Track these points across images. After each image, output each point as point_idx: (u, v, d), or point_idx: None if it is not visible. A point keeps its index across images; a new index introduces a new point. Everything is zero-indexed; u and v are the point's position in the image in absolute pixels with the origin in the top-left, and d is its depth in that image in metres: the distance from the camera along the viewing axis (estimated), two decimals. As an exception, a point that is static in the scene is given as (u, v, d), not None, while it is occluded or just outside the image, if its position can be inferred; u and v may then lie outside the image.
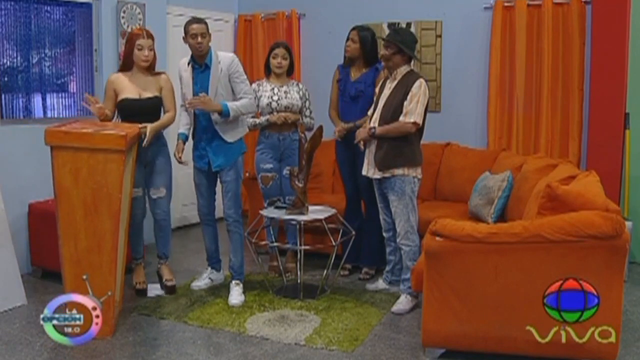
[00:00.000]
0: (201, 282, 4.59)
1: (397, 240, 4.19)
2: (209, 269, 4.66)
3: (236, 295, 4.31)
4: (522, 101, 5.50)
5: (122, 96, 4.26)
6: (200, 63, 4.23)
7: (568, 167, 4.22)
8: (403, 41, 4.10)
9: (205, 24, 4.22)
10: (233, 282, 4.39)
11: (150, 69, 4.35)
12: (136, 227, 4.45)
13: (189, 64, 4.29)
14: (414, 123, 4.04)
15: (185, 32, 4.19)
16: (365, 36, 4.63)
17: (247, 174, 5.39)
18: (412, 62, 4.26)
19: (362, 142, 4.27)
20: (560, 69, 5.36)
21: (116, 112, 4.35)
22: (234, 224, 4.37)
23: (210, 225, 4.57)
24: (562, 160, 4.55)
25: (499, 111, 5.60)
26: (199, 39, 4.14)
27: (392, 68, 4.17)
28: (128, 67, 4.32)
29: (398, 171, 4.09)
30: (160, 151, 4.42)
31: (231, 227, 4.38)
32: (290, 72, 4.77)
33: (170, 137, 4.70)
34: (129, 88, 4.27)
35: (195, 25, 4.16)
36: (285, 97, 4.67)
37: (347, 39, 4.70)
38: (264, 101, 4.64)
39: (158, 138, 4.37)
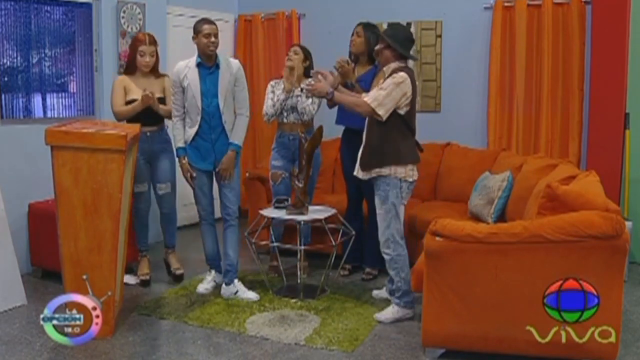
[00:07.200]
0: (208, 285, 4.52)
1: (380, 247, 4.02)
2: (213, 272, 4.59)
3: (246, 289, 4.39)
4: (522, 101, 5.50)
5: (129, 97, 4.51)
6: (210, 64, 4.23)
7: (568, 167, 4.22)
8: (393, 36, 3.90)
9: (216, 25, 4.25)
10: (236, 281, 4.39)
11: (153, 71, 4.62)
12: (142, 220, 4.69)
13: (197, 65, 4.23)
14: (374, 111, 3.75)
15: (198, 31, 4.18)
16: (369, 35, 4.65)
17: (247, 175, 5.40)
18: (412, 63, 4.20)
19: (310, 91, 4.02)
20: (560, 69, 5.36)
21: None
22: (236, 220, 4.41)
23: (213, 225, 4.54)
24: (562, 160, 4.54)
25: (499, 111, 5.60)
26: (213, 38, 4.16)
27: (382, 64, 4.01)
28: (132, 71, 4.59)
29: (383, 171, 3.88)
30: (164, 147, 4.66)
31: (233, 222, 4.39)
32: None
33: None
34: (135, 90, 4.51)
35: (208, 26, 4.19)
36: (291, 98, 4.68)
37: (352, 34, 4.72)
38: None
39: (160, 134, 4.65)
